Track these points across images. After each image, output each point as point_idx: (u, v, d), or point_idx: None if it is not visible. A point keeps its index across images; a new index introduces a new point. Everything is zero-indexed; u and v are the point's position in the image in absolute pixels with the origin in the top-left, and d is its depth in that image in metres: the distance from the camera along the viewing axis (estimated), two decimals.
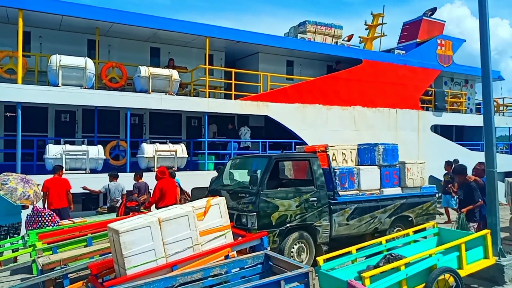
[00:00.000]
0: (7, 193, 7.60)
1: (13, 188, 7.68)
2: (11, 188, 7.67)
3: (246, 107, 13.70)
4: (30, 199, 7.86)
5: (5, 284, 6.76)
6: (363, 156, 9.13)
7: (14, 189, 7.67)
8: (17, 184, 7.79)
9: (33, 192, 7.96)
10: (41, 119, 12.61)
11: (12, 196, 7.61)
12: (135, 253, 4.79)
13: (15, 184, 7.76)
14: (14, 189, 7.67)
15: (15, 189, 7.68)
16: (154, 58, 14.53)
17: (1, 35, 12.11)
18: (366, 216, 8.15)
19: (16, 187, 7.72)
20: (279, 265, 5.17)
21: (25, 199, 7.76)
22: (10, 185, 7.70)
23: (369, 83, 16.31)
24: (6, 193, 7.60)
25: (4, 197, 7.62)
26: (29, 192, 7.87)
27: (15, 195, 7.64)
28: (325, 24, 17.77)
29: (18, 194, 7.67)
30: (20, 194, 7.68)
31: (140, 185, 9.94)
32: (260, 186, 6.95)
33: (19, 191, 7.70)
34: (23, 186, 7.85)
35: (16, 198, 7.63)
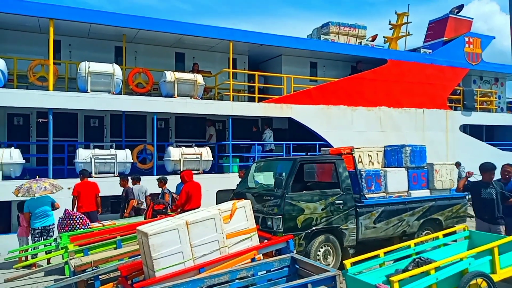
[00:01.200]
0: (24, 193, 8.03)
1: (28, 187, 8.15)
2: (26, 188, 8.16)
3: (270, 109, 13.72)
4: (48, 189, 8.23)
5: (40, 285, 7.01)
6: (390, 158, 8.98)
7: (29, 187, 8.17)
8: (31, 183, 8.30)
9: (49, 183, 8.37)
10: (71, 125, 13.02)
11: (29, 193, 8.05)
12: (164, 255, 4.88)
13: (29, 184, 8.29)
14: (29, 187, 8.17)
15: (29, 187, 8.17)
16: (179, 63, 14.77)
17: (33, 44, 12.59)
18: (394, 219, 8.02)
19: (30, 186, 8.22)
20: (306, 268, 5.15)
21: (43, 191, 8.16)
22: (24, 187, 8.20)
23: (394, 83, 16.05)
24: (23, 194, 8.02)
25: (23, 197, 8.01)
26: (44, 184, 8.29)
27: (32, 191, 8.09)
28: (349, 25, 17.60)
29: (34, 189, 8.11)
30: (35, 188, 8.13)
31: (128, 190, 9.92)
32: (285, 189, 6.95)
33: (34, 186, 8.16)
34: (37, 182, 8.32)
35: (34, 192, 8.07)
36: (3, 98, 10.35)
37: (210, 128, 14.31)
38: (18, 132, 12.49)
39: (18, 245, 8.70)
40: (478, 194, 6.66)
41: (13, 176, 10.28)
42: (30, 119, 12.76)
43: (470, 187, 6.84)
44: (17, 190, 8.19)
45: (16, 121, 12.61)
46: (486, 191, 6.56)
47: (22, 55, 12.09)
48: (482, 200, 6.60)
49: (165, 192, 9.72)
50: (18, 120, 12.64)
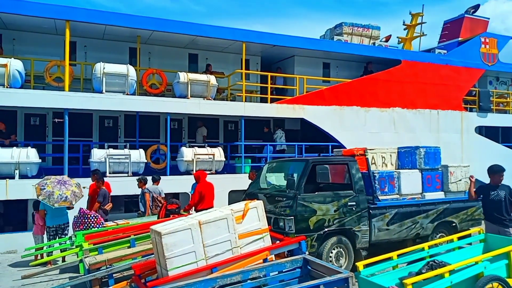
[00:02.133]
0: (45, 197, 8.08)
1: (50, 192, 8.13)
2: (48, 192, 8.13)
3: (282, 110, 13.72)
4: (68, 200, 8.28)
5: (55, 282, 7.13)
6: (404, 159, 8.90)
7: (51, 193, 8.13)
8: (54, 188, 8.24)
9: (71, 193, 8.37)
10: (86, 125, 13.21)
11: (50, 200, 8.06)
12: (177, 255, 4.92)
13: (52, 188, 8.22)
14: (51, 193, 8.13)
15: (52, 192, 8.14)
16: (192, 64, 14.87)
17: (50, 45, 12.82)
18: (407, 221, 7.94)
19: (53, 191, 8.17)
20: (318, 269, 5.14)
21: (63, 201, 8.19)
22: (47, 189, 8.19)
23: (409, 84, 15.89)
24: (44, 198, 8.08)
25: (43, 201, 8.08)
26: (66, 193, 8.30)
27: (52, 198, 8.08)
28: (362, 25, 17.51)
29: (55, 197, 8.11)
30: (57, 197, 8.13)
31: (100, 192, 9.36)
32: (298, 190, 6.94)
33: (56, 194, 8.14)
34: (60, 188, 8.29)
35: (54, 202, 8.07)
36: (21, 99, 10.56)
37: (202, 129, 14.07)
38: (35, 132, 12.72)
39: (33, 243, 8.86)
40: (487, 196, 6.62)
41: (29, 175, 10.47)
42: (46, 119, 13.00)
43: (480, 190, 6.79)
44: (40, 189, 8.21)
45: (32, 121, 12.86)
46: (494, 193, 6.53)
47: (39, 56, 12.32)
48: (490, 202, 6.57)
49: (144, 191, 9.60)
50: (35, 120, 12.88)
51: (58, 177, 8.76)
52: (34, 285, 7.02)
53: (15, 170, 10.22)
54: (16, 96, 10.49)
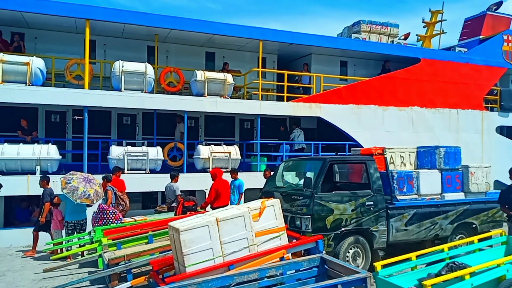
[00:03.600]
0: (69, 191, 8.22)
1: (75, 188, 8.27)
2: (73, 187, 8.27)
3: (299, 108, 13.67)
4: (90, 198, 8.41)
5: (75, 276, 7.26)
6: (423, 159, 8.76)
7: (76, 188, 8.27)
8: (79, 184, 8.37)
9: (94, 192, 8.50)
10: (105, 122, 13.41)
11: (73, 194, 8.20)
12: (194, 251, 4.96)
13: (77, 184, 8.36)
14: (76, 188, 8.27)
15: (76, 188, 8.27)
16: (209, 63, 14.94)
17: (70, 43, 13.06)
18: (426, 222, 7.83)
19: (78, 187, 8.31)
20: (335, 269, 5.11)
21: (85, 198, 8.32)
22: (72, 184, 8.32)
23: (428, 82, 15.64)
24: (68, 192, 8.22)
25: (67, 195, 8.23)
26: (90, 191, 8.42)
27: (76, 194, 8.22)
28: (380, 23, 17.29)
29: (79, 193, 8.25)
30: (80, 193, 8.26)
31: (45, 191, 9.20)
32: (315, 189, 6.90)
33: (80, 190, 8.28)
34: (84, 185, 8.42)
35: (77, 197, 8.21)
36: (42, 96, 10.79)
37: (180, 125, 13.47)
38: (55, 129, 12.97)
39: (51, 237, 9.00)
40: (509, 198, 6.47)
41: (50, 171, 10.68)
42: (66, 117, 13.24)
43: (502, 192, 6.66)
44: (65, 182, 8.33)
45: (53, 118, 13.11)
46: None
47: (60, 54, 12.55)
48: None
49: (107, 189, 9.43)
50: (55, 117, 13.13)
51: (84, 174, 8.94)
52: (55, 279, 7.16)
53: (36, 166, 10.45)
54: (37, 94, 10.73)
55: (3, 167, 10.24)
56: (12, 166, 10.32)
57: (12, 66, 10.52)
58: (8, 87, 10.44)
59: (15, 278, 7.23)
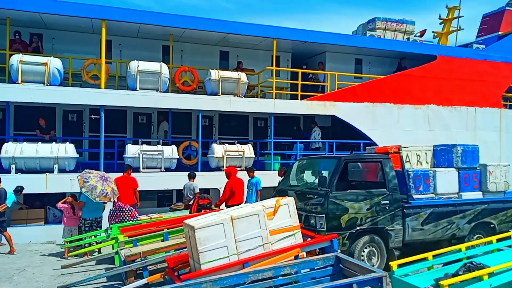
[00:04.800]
0: (88, 190, 8.36)
1: (93, 186, 8.41)
2: (92, 186, 8.41)
3: (313, 107, 13.61)
4: (108, 196, 8.56)
5: (92, 273, 7.38)
6: (440, 157, 8.64)
7: (94, 187, 8.41)
8: (97, 182, 8.52)
9: (111, 190, 8.65)
10: (121, 121, 13.58)
11: (92, 193, 8.34)
12: (209, 249, 4.99)
13: (95, 182, 8.49)
14: (94, 187, 8.41)
15: (95, 187, 8.41)
16: (223, 61, 15.00)
17: (87, 44, 13.26)
18: (443, 221, 7.72)
19: (96, 185, 8.44)
20: (350, 268, 5.08)
21: (103, 196, 8.47)
22: (90, 183, 8.46)
23: (444, 80, 15.40)
24: (87, 191, 8.36)
25: (86, 194, 8.37)
26: (107, 189, 8.58)
27: (95, 192, 8.36)
28: (396, 20, 17.11)
29: (98, 192, 8.39)
30: (99, 192, 8.40)
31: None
32: (329, 187, 6.87)
33: (99, 189, 8.42)
34: (102, 184, 8.57)
35: (96, 196, 8.35)
36: (60, 96, 10.99)
37: (164, 124, 13.59)
38: (72, 128, 13.19)
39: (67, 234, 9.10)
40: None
41: (67, 169, 10.88)
42: (83, 116, 13.45)
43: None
44: (83, 181, 8.47)
45: (70, 117, 13.34)
46: None
47: (77, 54, 12.76)
48: None
49: None
50: (73, 116, 13.36)
51: (100, 172, 9.08)
52: (72, 275, 7.30)
53: (54, 165, 10.65)
54: (55, 93, 10.93)
55: (22, 165, 10.47)
56: (31, 164, 10.54)
57: (31, 67, 10.74)
58: (27, 87, 10.67)
59: (34, 274, 7.40)
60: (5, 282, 6.85)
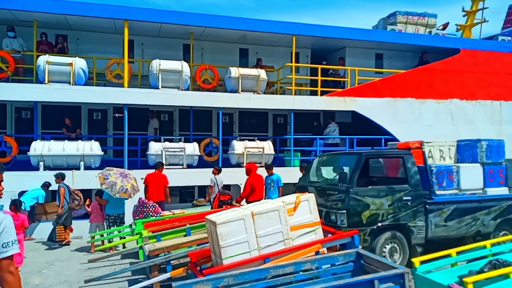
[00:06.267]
0: (108, 187, 8.59)
1: (113, 183, 8.64)
2: (111, 182, 8.64)
3: (333, 103, 13.54)
4: (128, 192, 8.77)
5: (117, 267, 7.59)
6: (464, 153, 8.47)
7: (114, 183, 8.64)
8: (117, 179, 8.74)
9: (130, 186, 8.86)
10: (144, 119, 13.84)
11: (112, 189, 8.57)
12: (231, 244, 5.06)
13: (115, 179, 8.72)
14: (114, 183, 8.64)
15: (114, 183, 8.64)
16: (242, 59, 15.07)
17: (110, 44, 13.56)
18: (467, 218, 7.59)
19: (116, 182, 8.67)
20: (372, 264, 5.06)
21: (123, 192, 8.69)
22: (110, 179, 8.70)
23: (468, 73, 15.04)
24: (107, 187, 8.59)
25: (106, 190, 8.60)
26: (127, 186, 8.79)
27: (115, 188, 8.59)
28: (417, 14, 16.77)
29: (117, 188, 8.61)
30: (119, 188, 8.62)
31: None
32: (350, 183, 6.85)
33: (118, 185, 8.64)
34: (122, 180, 8.78)
35: (116, 192, 8.58)
36: (85, 95, 11.29)
37: (153, 121, 13.57)
38: (97, 126, 13.53)
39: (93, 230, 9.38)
40: None
41: (93, 166, 11.18)
42: (107, 114, 13.78)
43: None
44: (103, 178, 8.72)
45: (95, 116, 13.69)
46: None
47: (100, 54, 13.06)
48: None
49: (60, 186, 9.52)
50: (97, 115, 13.70)
51: (120, 169, 9.31)
52: (98, 269, 7.53)
53: (80, 162, 10.97)
54: (80, 93, 11.24)
55: (50, 163, 10.82)
56: (58, 162, 10.89)
57: (57, 67, 11.07)
58: (53, 87, 11.00)
59: (62, 268, 7.67)
60: (36, 275, 7.13)
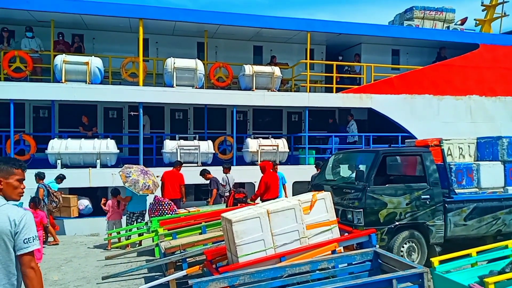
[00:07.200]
0: (131, 184, 8.64)
1: (136, 180, 8.69)
2: (134, 180, 8.70)
3: (348, 100, 13.39)
4: (150, 188, 8.84)
5: (133, 264, 7.65)
6: (484, 150, 8.27)
7: (136, 181, 8.69)
8: (138, 176, 8.79)
9: (152, 182, 8.93)
10: (159, 117, 13.93)
11: (135, 187, 8.62)
12: (246, 242, 5.04)
13: (137, 176, 8.78)
14: (136, 181, 8.69)
15: (137, 181, 8.69)
16: (257, 56, 15.03)
17: (125, 43, 13.66)
18: (487, 217, 7.40)
19: (138, 179, 8.72)
20: (390, 263, 4.98)
21: (146, 189, 8.74)
22: (132, 177, 8.74)
23: (487, 69, 14.71)
24: (130, 185, 8.64)
25: (129, 188, 8.66)
26: (149, 182, 8.86)
27: (138, 186, 8.64)
28: (435, 9, 16.47)
29: (140, 185, 8.67)
30: (142, 185, 8.68)
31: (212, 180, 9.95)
32: (367, 182, 6.75)
33: (141, 182, 8.69)
34: (143, 177, 8.83)
35: (139, 189, 8.64)
36: (101, 94, 11.42)
37: (143, 118, 12.72)
38: (113, 124, 13.67)
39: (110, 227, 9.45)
40: None
41: (109, 164, 11.30)
42: (122, 112, 13.90)
43: None
44: (125, 176, 8.75)
45: (111, 114, 13.83)
46: None
47: (116, 53, 13.18)
48: None
49: (39, 187, 9.47)
50: (113, 113, 13.84)
51: (139, 166, 9.39)
52: (115, 266, 7.60)
53: (97, 160, 11.10)
54: (96, 92, 11.37)
55: (67, 160, 10.98)
56: (75, 160, 11.04)
57: (73, 66, 11.21)
58: (70, 86, 11.15)
59: (80, 264, 7.77)
60: (54, 271, 7.24)
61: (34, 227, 2.57)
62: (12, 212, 2.52)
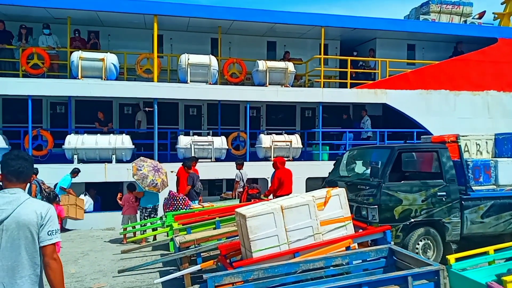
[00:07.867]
0: (140, 178, 8.71)
1: (145, 175, 8.75)
2: (143, 175, 8.75)
3: (363, 95, 13.27)
4: (157, 187, 8.88)
5: (148, 258, 7.75)
6: (502, 147, 8.12)
7: (145, 176, 8.74)
8: (149, 172, 8.84)
9: (161, 181, 8.95)
10: (173, 113, 14.03)
11: (143, 182, 8.70)
12: (260, 238, 5.05)
13: (147, 172, 8.82)
14: (145, 176, 8.74)
15: (146, 176, 8.75)
16: (270, 52, 14.99)
17: (140, 39, 13.77)
18: (505, 214, 7.27)
19: (147, 175, 8.77)
20: (405, 260, 4.94)
21: (153, 187, 8.80)
22: (143, 171, 8.80)
23: (506, 64, 14.40)
24: (138, 179, 8.72)
25: (137, 182, 8.74)
26: (157, 180, 8.88)
27: (145, 181, 8.71)
28: (452, 2, 16.14)
29: (148, 181, 8.72)
30: (149, 182, 8.73)
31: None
32: (382, 178, 6.69)
33: (149, 179, 8.74)
34: (153, 174, 8.86)
35: (146, 185, 8.71)
36: (116, 90, 11.54)
37: (139, 114, 13.34)
38: (128, 120, 13.81)
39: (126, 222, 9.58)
40: None
41: (124, 159, 11.44)
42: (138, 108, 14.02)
43: None
44: (136, 168, 8.82)
45: (126, 110, 13.97)
46: None
47: (130, 50, 13.30)
48: None
49: (32, 183, 9.45)
50: (128, 109, 13.98)
51: (154, 162, 9.43)
52: (131, 260, 7.71)
53: (112, 155, 11.25)
54: (112, 88, 11.49)
55: (83, 156, 11.16)
56: (91, 155, 11.21)
57: (89, 63, 11.35)
58: (86, 82, 11.30)
59: (96, 258, 7.90)
60: (72, 264, 7.38)
61: (57, 220, 2.70)
62: (37, 205, 2.64)
